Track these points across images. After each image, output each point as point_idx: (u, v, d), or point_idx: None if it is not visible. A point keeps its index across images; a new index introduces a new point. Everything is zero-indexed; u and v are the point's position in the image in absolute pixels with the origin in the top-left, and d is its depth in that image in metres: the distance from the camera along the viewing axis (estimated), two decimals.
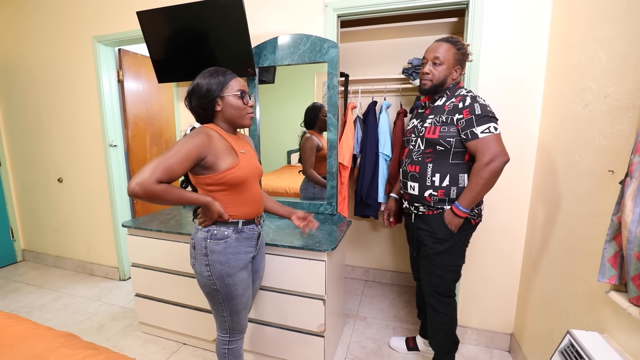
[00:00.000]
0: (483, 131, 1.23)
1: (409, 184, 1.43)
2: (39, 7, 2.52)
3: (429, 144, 1.35)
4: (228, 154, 1.11)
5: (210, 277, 1.16)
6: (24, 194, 2.99)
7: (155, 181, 0.95)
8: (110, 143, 2.50)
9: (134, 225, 1.80)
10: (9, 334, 1.03)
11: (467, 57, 1.38)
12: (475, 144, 1.25)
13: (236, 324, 1.24)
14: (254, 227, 1.22)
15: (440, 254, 1.39)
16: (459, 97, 1.32)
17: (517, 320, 1.74)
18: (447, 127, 1.31)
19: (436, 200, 1.36)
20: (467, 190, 1.28)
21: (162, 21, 1.90)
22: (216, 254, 1.15)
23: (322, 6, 1.80)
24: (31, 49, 2.63)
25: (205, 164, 1.07)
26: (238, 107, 1.14)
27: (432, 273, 1.43)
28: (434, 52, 1.35)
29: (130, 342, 1.91)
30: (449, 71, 1.34)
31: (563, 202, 1.32)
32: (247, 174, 1.15)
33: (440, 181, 1.35)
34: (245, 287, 1.21)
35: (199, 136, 1.06)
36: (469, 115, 1.26)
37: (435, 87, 1.36)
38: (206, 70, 1.15)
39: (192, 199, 1.09)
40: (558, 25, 1.45)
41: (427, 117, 1.39)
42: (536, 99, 1.57)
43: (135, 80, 2.67)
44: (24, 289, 2.56)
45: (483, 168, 1.23)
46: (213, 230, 1.15)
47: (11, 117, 2.87)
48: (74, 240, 2.84)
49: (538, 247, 1.53)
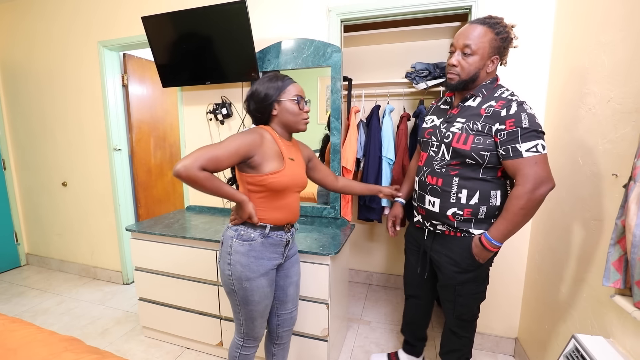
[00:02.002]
0: (529, 149, 1.01)
1: (428, 198, 1.21)
2: (46, 12, 2.56)
3: (456, 155, 1.12)
4: (275, 158, 1.12)
5: (230, 276, 1.16)
6: (29, 197, 3.01)
7: (198, 167, 0.98)
8: (115, 147, 2.52)
9: (138, 229, 1.81)
10: (13, 338, 1.03)
11: (509, 43, 1.09)
12: (517, 164, 1.02)
13: (250, 330, 1.23)
14: (282, 234, 1.20)
15: (464, 284, 1.22)
16: (501, 101, 1.07)
17: (521, 325, 1.73)
18: (483, 138, 1.06)
19: (460, 220, 1.15)
20: (502, 221, 1.07)
21: (167, 26, 1.92)
22: (239, 254, 1.14)
23: (326, 11, 1.82)
24: (37, 54, 2.67)
25: (252, 162, 1.09)
26: (294, 112, 1.15)
27: (455, 302, 1.26)
28: (464, 38, 1.07)
29: (134, 346, 1.91)
30: (483, 62, 1.08)
31: (567, 206, 1.32)
32: (288, 182, 1.14)
33: (467, 198, 1.12)
34: (263, 295, 1.17)
35: (253, 135, 1.08)
36: (513, 128, 1.02)
37: (465, 83, 1.11)
38: (266, 75, 1.18)
39: (229, 193, 1.08)
40: (561, 29, 1.46)
41: (454, 119, 1.14)
42: (539, 103, 1.57)
43: (139, 85, 2.70)
44: (28, 293, 2.56)
45: (524, 196, 1.01)
46: (240, 231, 1.15)
47: (17, 121, 2.90)
48: (78, 244, 2.86)
49: (542, 251, 1.53)
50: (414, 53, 2.28)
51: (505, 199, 1.14)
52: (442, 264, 1.24)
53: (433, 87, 2.07)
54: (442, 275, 1.27)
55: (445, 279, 1.25)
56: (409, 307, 1.57)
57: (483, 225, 1.15)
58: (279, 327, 1.34)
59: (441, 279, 1.29)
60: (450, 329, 1.37)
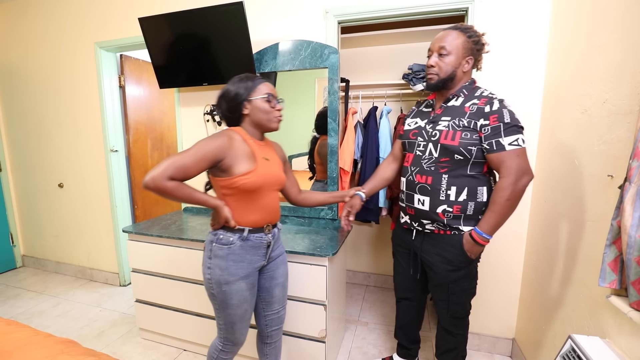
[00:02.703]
0: (511, 143, 1.08)
1: (417, 197, 1.22)
2: (42, 13, 2.55)
3: (445, 152, 1.16)
4: (247, 159, 1.11)
5: (210, 280, 1.16)
6: (25, 199, 2.99)
7: (167, 177, 0.99)
8: (112, 148, 2.51)
9: (135, 230, 1.80)
10: (9, 341, 1.02)
11: (482, 47, 1.19)
12: (501, 157, 1.09)
13: (230, 335, 1.22)
14: (262, 236, 1.19)
15: (457, 282, 1.24)
16: (483, 98, 1.14)
17: (518, 325, 1.74)
18: (470, 134, 1.12)
19: (450, 217, 1.18)
20: (491, 214, 1.11)
21: (164, 27, 1.92)
22: (218, 258, 1.14)
23: (323, 12, 1.82)
24: (33, 55, 2.65)
25: (222, 166, 1.08)
26: (265, 110, 1.15)
27: (449, 301, 1.28)
28: (439, 41, 1.17)
29: (130, 348, 1.90)
30: (459, 62, 1.16)
31: (563, 207, 1.33)
32: (261, 181, 1.13)
33: (456, 195, 1.16)
34: (242, 299, 1.17)
35: (220, 138, 1.08)
36: (496, 123, 1.09)
37: (444, 82, 1.18)
38: (237, 76, 1.18)
39: (202, 199, 1.09)
40: (557, 31, 1.47)
41: (439, 119, 1.20)
42: (536, 104, 1.58)
43: (136, 86, 2.69)
44: (24, 295, 2.54)
45: (509, 187, 1.08)
46: (219, 235, 1.15)
47: (12, 122, 2.89)
48: (74, 245, 2.84)
49: (538, 251, 1.53)
50: (411, 54, 2.29)
51: (490, 195, 1.19)
52: (435, 263, 1.25)
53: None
54: (435, 275, 1.27)
55: (439, 278, 1.26)
56: (402, 310, 1.56)
57: (471, 221, 1.19)
58: (267, 327, 1.34)
59: (434, 278, 1.29)
60: (445, 328, 1.38)
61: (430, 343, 1.88)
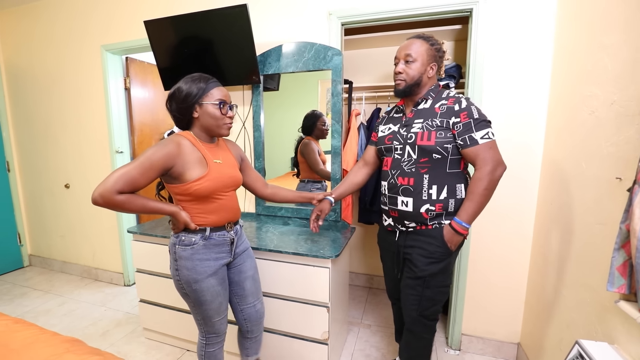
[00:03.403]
0: (483, 137, 1.15)
1: (401, 199, 1.25)
2: (49, 17, 2.59)
3: (423, 152, 1.21)
4: (197, 165, 1.11)
5: (179, 281, 1.18)
6: (32, 199, 3.03)
7: (116, 192, 0.98)
8: (117, 150, 2.54)
9: (139, 231, 1.81)
10: (16, 339, 1.04)
11: (442, 54, 1.27)
12: (475, 150, 1.15)
13: (210, 327, 1.26)
14: (224, 234, 1.21)
15: (434, 275, 1.25)
16: (451, 99, 1.21)
17: (524, 330, 1.72)
18: (444, 132, 1.18)
19: (433, 215, 1.22)
20: (469, 204, 1.16)
21: (169, 30, 1.93)
22: (183, 259, 1.16)
23: (327, 14, 1.82)
24: (40, 58, 2.69)
25: (173, 173, 1.08)
26: (215, 116, 1.13)
27: (422, 296, 1.28)
28: (405, 49, 1.24)
29: (134, 348, 1.91)
30: (424, 68, 1.23)
31: (569, 210, 1.31)
32: (214, 185, 1.13)
33: (437, 194, 1.21)
34: (214, 293, 1.20)
35: (168, 146, 1.06)
36: (467, 119, 1.16)
37: (411, 87, 1.24)
38: (190, 75, 1.15)
39: (156, 208, 1.09)
40: (563, 31, 1.45)
41: (412, 122, 1.25)
42: (541, 106, 1.56)
43: (141, 88, 2.71)
44: (30, 294, 2.57)
45: (485, 177, 1.14)
46: (181, 237, 1.17)
47: (21, 124, 2.93)
48: (80, 245, 2.87)
49: (544, 255, 1.51)
50: None
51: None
52: (414, 257, 1.26)
53: None
54: (414, 268, 1.27)
55: (418, 271, 1.26)
56: (397, 312, 1.55)
57: (451, 218, 1.22)
58: (246, 322, 1.36)
59: (413, 271, 1.27)
60: (410, 329, 1.35)
61: (435, 346, 1.86)
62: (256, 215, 2.09)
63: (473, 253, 1.76)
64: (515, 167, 1.62)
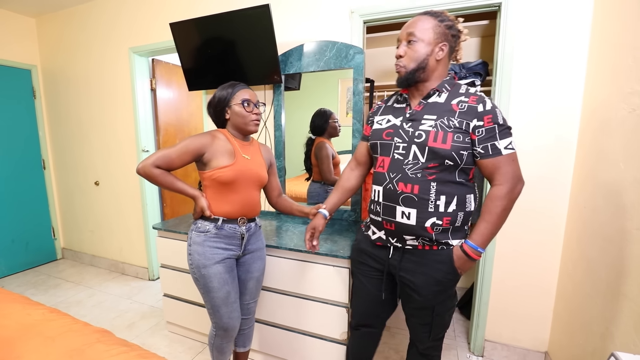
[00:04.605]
0: (507, 147, 0.98)
1: (401, 210, 1.03)
2: (80, 22, 2.72)
3: (434, 156, 0.99)
4: (226, 155, 1.25)
5: (191, 265, 1.28)
6: (65, 196, 3.20)
7: (153, 165, 1.18)
8: (143, 148, 2.63)
9: (164, 227, 1.87)
10: (51, 327, 1.09)
11: (457, 32, 1.04)
12: (497, 162, 0.98)
13: (218, 319, 1.31)
14: (235, 227, 1.30)
15: (443, 302, 1.09)
16: (473, 96, 1.01)
17: (552, 338, 1.64)
18: (462, 136, 0.98)
19: (439, 231, 1.02)
20: (486, 225, 0.99)
21: (193, 31, 1.98)
22: (196, 244, 1.27)
23: (349, 12, 1.81)
24: (73, 61, 2.84)
25: (204, 160, 1.24)
26: (242, 114, 1.27)
27: (432, 324, 1.12)
28: (407, 28, 1.03)
29: (158, 340, 1.97)
30: (430, 48, 1.01)
31: (605, 215, 1.24)
32: (236, 175, 1.24)
33: (445, 206, 1.01)
34: (222, 281, 1.27)
35: (204, 136, 1.24)
36: (491, 124, 0.97)
37: (414, 73, 1.02)
38: (224, 84, 1.31)
39: (180, 188, 1.25)
40: (601, 23, 1.37)
41: (421, 117, 1.03)
42: (575, 103, 1.49)
43: (166, 89, 2.80)
44: (63, 285, 2.72)
45: (507, 195, 0.98)
46: (198, 224, 1.29)
47: (55, 124, 3.10)
48: (108, 240, 3.00)
49: (575, 260, 1.44)
50: None
51: (476, 203, 1.09)
52: (420, 285, 1.07)
53: None
54: (419, 297, 1.08)
55: (424, 300, 1.08)
56: (359, 339, 1.32)
57: (459, 234, 1.05)
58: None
59: (418, 301, 1.09)
60: (424, 353, 1.19)
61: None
62: (276, 214, 2.11)
63: (498, 256, 1.70)
64: (545, 168, 1.55)
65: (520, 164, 1.56)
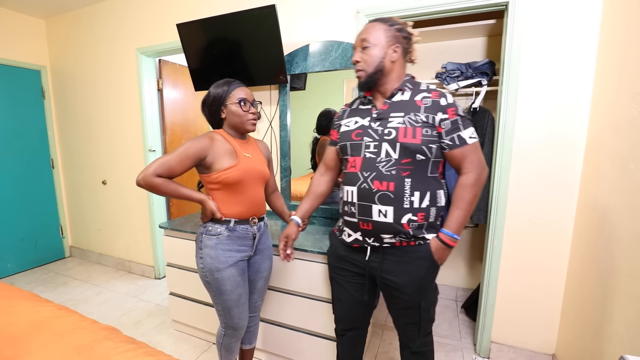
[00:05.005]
0: (471, 136, 1.03)
1: (377, 208, 1.04)
2: (88, 23, 2.76)
3: (406, 152, 1.02)
4: (228, 156, 1.22)
5: (203, 269, 1.26)
6: (73, 194, 3.24)
7: (154, 175, 1.13)
8: (150, 148, 2.65)
9: (170, 226, 1.88)
10: (60, 324, 1.11)
11: (408, 34, 1.08)
12: (464, 151, 1.02)
13: (229, 320, 1.31)
14: (247, 228, 1.29)
15: (427, 297, 1.11)
16: (434, 91, 1.06)
17: (560, 340, 1.62)
18: (430, 130, 1.02)
19: (415, 227, 1.04)
20: (458, 212, 1.03)
21: (200, 32, 1.99)
22: (208, 248, 1.24)
23: (354, 12, 1.81)
24: (81, 61, 2.87)
25: (205, 163, 1.20)
26: (238, 114, 1.24)
27: (420, 321, 1.13)
28: (360, 35, 1.09)
29: (164, 338, 1.99)
30: (384, 51, 1.05)
31: (614, 216, 1.22)
32: (242, 175, 1.22)
33: (419, 201, 1.03)
34: (235, 284, 1.26)
35: (202, 139, 1.20)
36: (454, 116, 1.02)
37: (373, 76, 1.07)
38: (217, 81, 1.27)
39: (186, 194, 1.21)
40: (609, 24, 1.35)
41: (387, 115, 1.07)
42: (584, 103, 1.47)
43: (173, 89, 2.82)
44: (71, 283, 2.75)
45: (477, 183, 1.03)
46: (208, 227, 1.26)
47: (64, 124, 3.14)
48: (115, 239, 3.03)
49: (584, 262, 1.42)
50: (445, 53, 2.21)
51: (446, 198, 1.11)
52: (404, 284, 1.07)
53: (465, 88, 1.99)
54: (404, 296, 1.09)
55: (410, 299, 1.09)
56: (348, 344, 1.32)
57: (432, 229, 1.08)
58: None
59: (404, 301, 1.11)
60: (416, 351, 1.20)
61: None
62: None
63: (505, 257, 1.68)
64: (552, 168, 1.54)
65: (528, 163, 1.56)
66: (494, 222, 1.66)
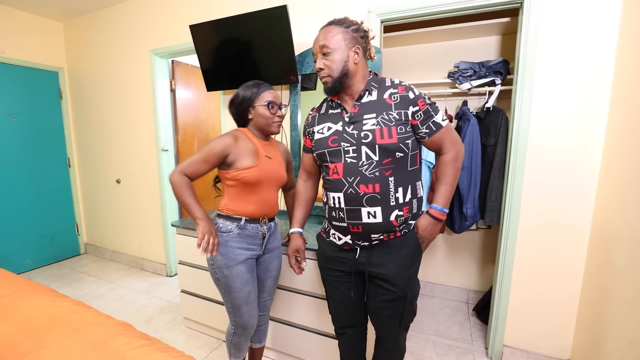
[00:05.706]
0: (443, 119, 1.08)
1: (366, 211, 1.05)
2: (103, 25, 2.82)
3: (386, 152, 1.03)
4: (250, 155, 1.25)
5: (213, 266, 1.28)
6: (88, 193, 3.32)
7: (178, 172, 1.18)
8: (162, 148, 2.70)
9: (182, 225, 1.91)
10: (77, 320, 1.14)
11: (364, 33, 1.09)
12: (441, 134, 1.07)
13: (238, 318, 1.32)
14: (257, 227, 1.31)
15: (412, 288, 1.14)
16: (400, 86, 1.07)
17: (575, 345, 1.58)
18: (404, 127, 1.04)
19: (402, 221, 1.08)
20: (445, 187, 1.09)
21: (212, 33, 2.02)
22: (218, 245, 1.25)
23: (366, 12, 1.80)
24: (96, 62, 2.94)
25: (228, 160, 1.23)
26: (265, 116, 1.27)
27: (403, 312, 1.14)
28: (318, 42, 1.07)
29: (175, 335, 2.02)
30: (345, 55, 1.05)
31: (633, 216, 1.18)
32: (261, 176, 1.25)
33: (403, 196, 1.07)
34: (244, 281, 1.28)
35: (227, 136, 1.24)
36: (425, 106, 1.05)
37: (339, 80, 1.07)
38: (247, 82, 1.31)
39: (188, 204, 1.18)
40: (630, 21, 1.31)
41: (360, 118, 1.07)
42: (603, 102, 1.43)
43: (185, 89, 2.86)
44: (86, 279, 2.82)
45: (458, 158, 1.09)
46: (219, 224, 1.28)
47: (80, 123, 3.22)
48: (128, 237, 3.09)
49: (602, 265, 1.38)
50: (457, 52, 2.18)
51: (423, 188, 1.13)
52: (391, 275, 1.09)
53: (478, 87, 1.96)
54: (392, 287, 1.11)
55: (398, 290, 1.11)
56: (348, 342, 1.33)
57: (415, 219, 1.13)
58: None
59: (391, 292, 1.11)
60: (394, 344, 1.22)
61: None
62: None
63: (518, 259, 1.65)
64: (568, 168, 1.50)
65: (542, 164, 1.53)
66: (507, 223, 1.64)
